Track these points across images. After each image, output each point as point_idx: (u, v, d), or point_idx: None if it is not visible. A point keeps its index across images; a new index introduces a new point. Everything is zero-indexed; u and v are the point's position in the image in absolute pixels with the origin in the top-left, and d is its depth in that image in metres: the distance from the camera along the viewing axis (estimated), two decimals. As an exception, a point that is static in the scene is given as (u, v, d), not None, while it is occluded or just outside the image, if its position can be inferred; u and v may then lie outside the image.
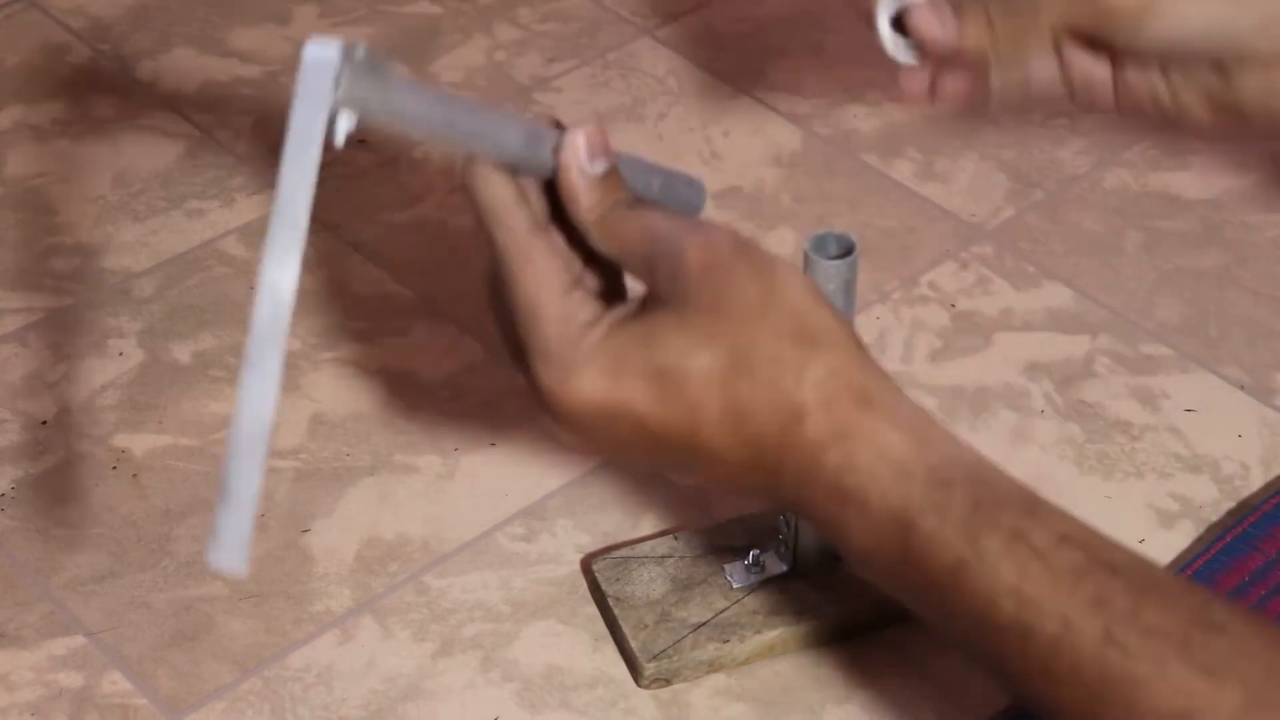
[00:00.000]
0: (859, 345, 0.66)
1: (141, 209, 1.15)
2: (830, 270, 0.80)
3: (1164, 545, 0.95)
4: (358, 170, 1.17)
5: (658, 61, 1.26)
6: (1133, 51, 0.76)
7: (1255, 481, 0.98)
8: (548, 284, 0.67)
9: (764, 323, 0.65)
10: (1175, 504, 0.97)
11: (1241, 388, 1.03)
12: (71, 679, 0.89)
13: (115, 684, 0.89)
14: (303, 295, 1.09)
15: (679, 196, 0.77)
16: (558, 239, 0.70)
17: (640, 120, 1.21)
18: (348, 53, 0.59)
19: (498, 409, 1.02)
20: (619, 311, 0.68)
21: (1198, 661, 0.59)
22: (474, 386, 1.04)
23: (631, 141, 1.19)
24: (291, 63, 1.25)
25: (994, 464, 0.64)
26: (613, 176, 0.69)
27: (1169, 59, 0.76)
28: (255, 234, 1.13)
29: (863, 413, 0.64)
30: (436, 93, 0.65)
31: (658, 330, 0.66)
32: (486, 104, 0.69)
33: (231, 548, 0.58)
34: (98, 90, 1.24)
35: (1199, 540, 0.95)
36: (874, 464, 0.63)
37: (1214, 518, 0.97)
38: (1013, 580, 0.61)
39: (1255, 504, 0.96)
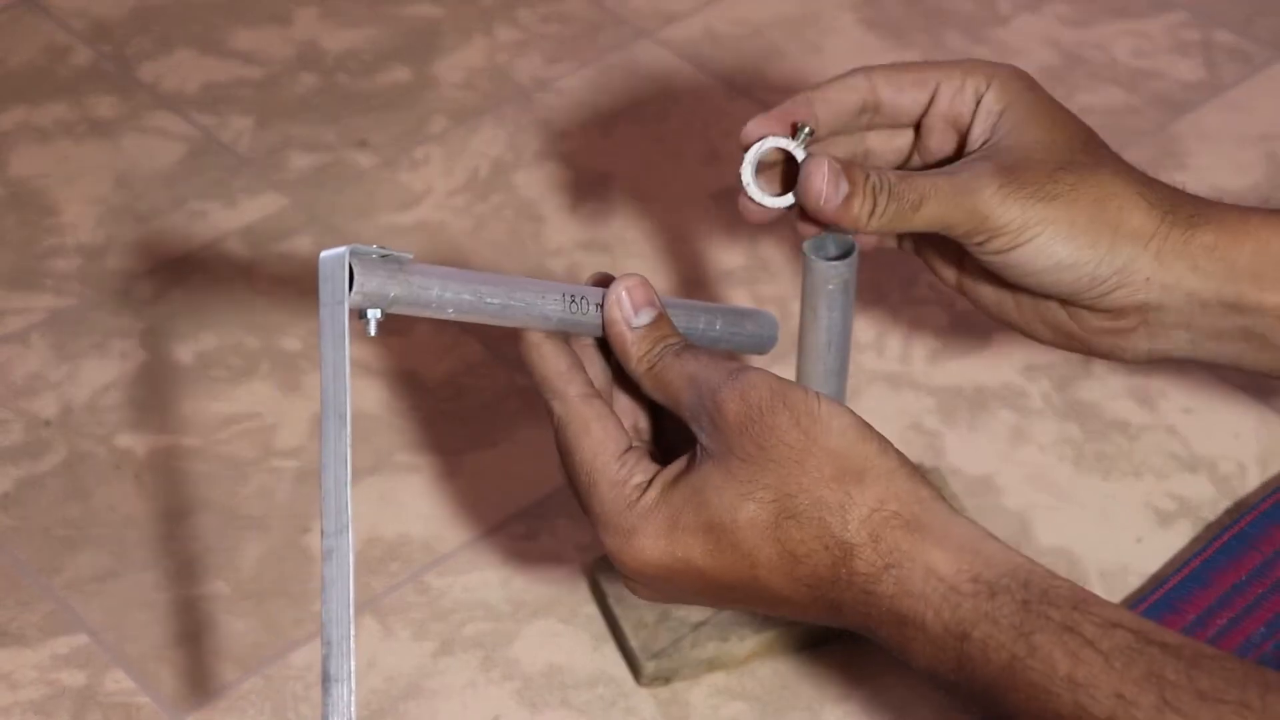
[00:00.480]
0: (906, 470, 0.68)
1: (143, 209, 1.15)
2: (830, 270, 0.80)
3: (1161, 544, 0.95)
4: (358, 170, 1.18)
5: (658, 62, 1.26)
6: (994, 269, 0.77)
7: (1252, 481, 0.98)
8: (602, 451, 0.71)
9: (805, 468, 0.67)
10: (1173, 503, 0.97)
11: (1239, 388, 1.03)
12: (74, 678, 0.90)
13: (118, 683, 0.90)
14: (304, 296, 1.09)
15: (745, 333, 0.80)
16: (621, 397, 0.74)
17: (640, 121, 1.21)
18: (359, 254, 0.64)
19: (498, 409, 1.03)
20: (671, 470, 0.70)
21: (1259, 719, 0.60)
22: (474, 386, 1.04)
23: (632, 142, 1.19)
24: (293, 64, 1.26)
25: (1044, 568, 0.66)
26: (660, 324, 0.72)
27: (1023, 285, 0.77)
28: (257, 234, 1.13)
29: (910, 539, 0.66)
30: (464, 277, 0.68)
31: (706, 486, 0.68)
32: (523, 278, 0.71)
33: None
34: (99, 91, 1.24)
35: (1196, 540, 0.95)
36: (925, 586, 0.66)
37: (1211, 517, 0.97)
38: (1066, 669, 0.63)
39: (1252, 503, 0.96)
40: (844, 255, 0.80)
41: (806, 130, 0.77)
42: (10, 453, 1.00)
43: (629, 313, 0.72)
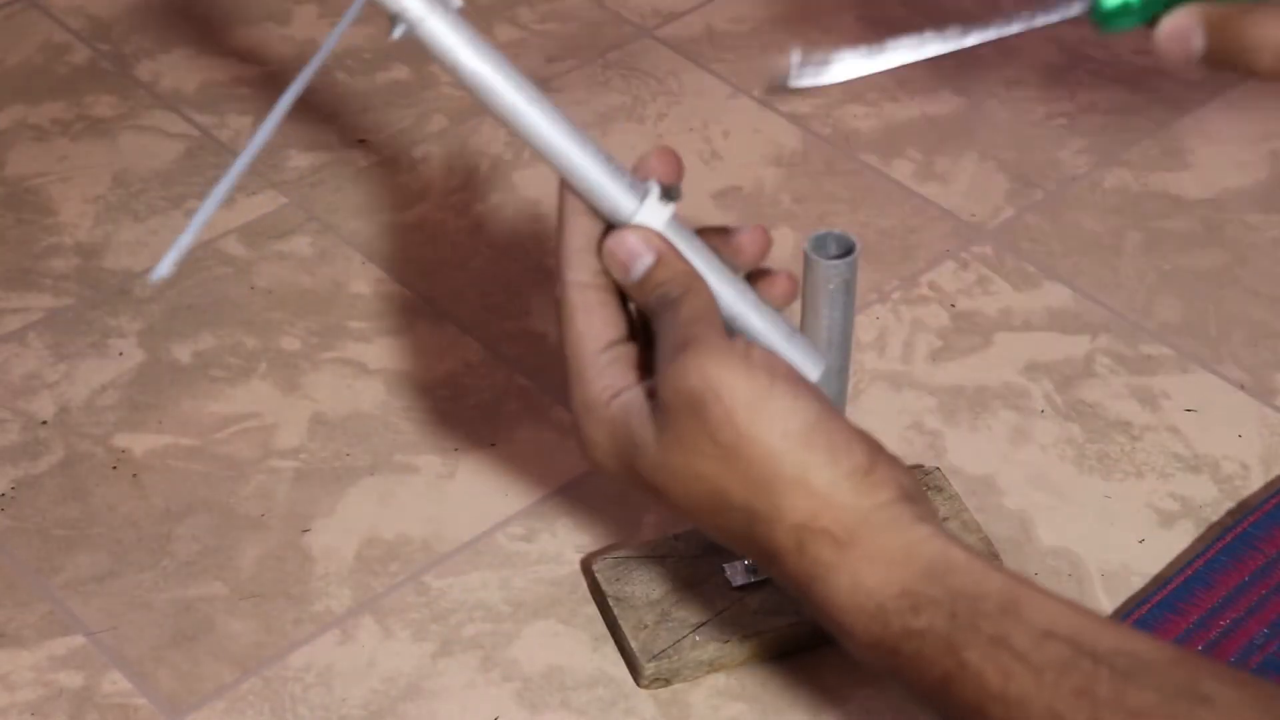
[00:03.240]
0: (854, 480, 0.66)
1: (141, 209, 1.15)
2: (831, 270, 0.80)
3: (1164, 545, 0.95)
4: (358, 170, 1.17)
5: (658, 61, 1.26)
6: None
7: (1255, 481, 0.98)
8: (582, 346, 0.71)
9: (736, 468, 0.66)
10: (1175, 504, 0.97)
11: (1241, 388, 1.03)
12: (71, 679, 0.89)
13: (115, 684, 0.89)
14: (303, 295, 1.09)
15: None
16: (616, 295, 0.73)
17: (640, 120, 1.21)
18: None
19: (498, 409, 1.02)
20: (636, 393, 0.70)
21: None
22: (474, 386, 1.04)
23: (631, 142, 1.19)
24: (292, 63, 1.25)
25: (985, 562, 0.65)
26: (662, 266, 0.70)
27: None
28: (255, 234, 1.13)
29: (838, 554, 0.66)
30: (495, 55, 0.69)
31: (646, 451, 0.68)
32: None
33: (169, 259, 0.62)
34: (97, 90, 1.24)
35: (1199, 540, 0.95)
36: (852, 600, 0.66)
37: (1214, 517, 0.97)
38: (998, 687, 0.62)
39: (1255, 504, 0.96)
40: (845, 254, 0.80)
41: None
42: (8, 453, 1.00)
43: (622, 271, 0.71)
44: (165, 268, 0.62)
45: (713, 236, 0.73)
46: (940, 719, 0.65)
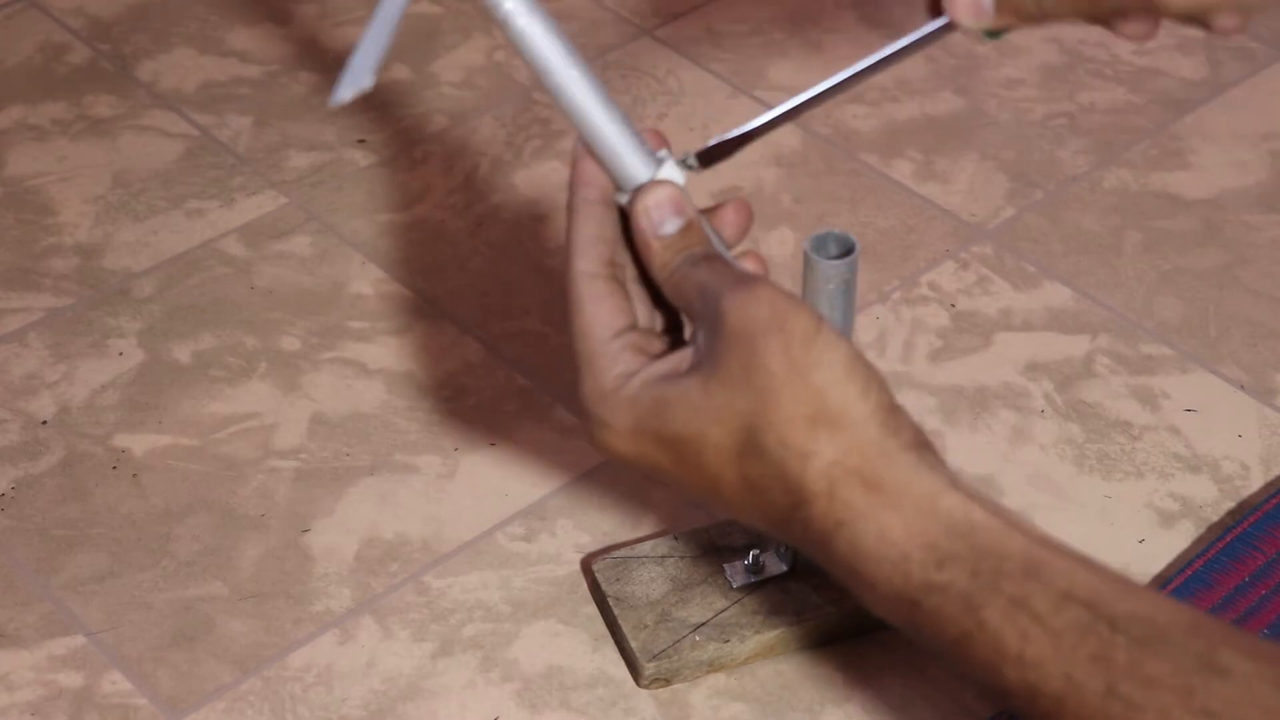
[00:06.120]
0: (880, 417, 0.67)
1: (141, 209, 1.15)
2: (830, 270, 0.80)
3: (1164, 545, 0.95)
4: (358, 170, 1.17)
5: (658, 61, 1.26)
6: None
7: (1255, 481, 0.98)
8: (591, 333, 0.71)
9: (781, 402, 0.66)
10: (1175, 504, 0.97)
11: (1241, 388, 1.03)
12: (71, 679, 0.89)
13: (115, 684, 0.89)
14: (303, 295, 1.09)
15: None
16: (638, 287, 0.73)
17: (640, 120, 1.21)
18: None
19: (498, 409, 1.02)
20: (657, 368, 0.70)
21: (1199, 708, 0.60)
22: (474, 386, 1.04)
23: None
24: (291, 63, 1.25)
25: (1006, 520, 0.65)
26: (688, 233, 0.71)
27: None
28: (255, 233, 1.13)
29: (866, 498, 0.65)
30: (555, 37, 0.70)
31: (681, 400, 0.68)
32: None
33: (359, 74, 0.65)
34: (97, 90, 1.24)
35: (1199, 540, 0.95)
36: (877, 549, 0.65)
37: (1214, 518, 0.97)
38: (1015, 648, 0.62)
39: (1255, 504, 0.96)
40: (845, 254, 0.80)
41: None
42: (8, 453, 1.00)
43: (655, 223, 0.71)
44: (347, 92, 0.67)
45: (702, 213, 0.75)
46: (958, 666, 0.65)
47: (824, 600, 0.90)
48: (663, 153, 0.72)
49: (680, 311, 0.72)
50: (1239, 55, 1.25)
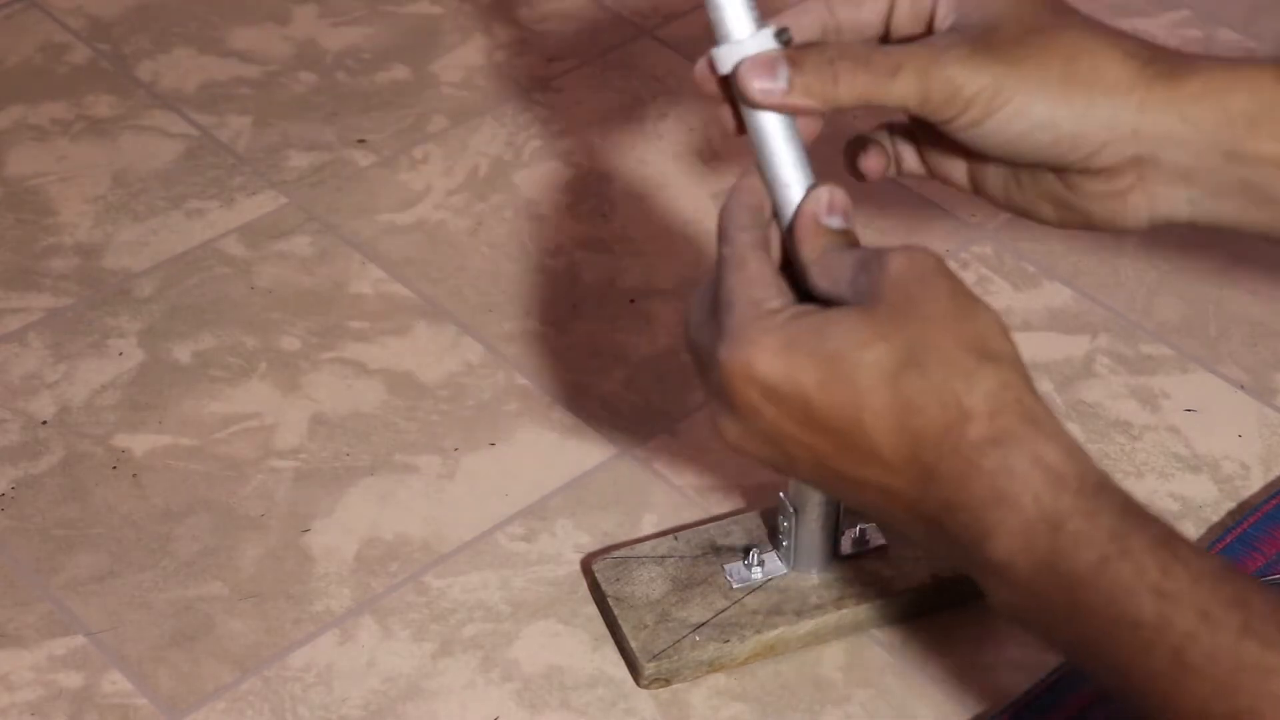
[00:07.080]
0: (1031, 378, 0.68)
1: (141, 209, 1.15)
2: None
3: (1164, 545, 0.95)
4: (357, 170, 1.17)
5: (658, 61, 1.26)
6: (978, 146, 0.76)
7: (1255, 482, 0.98)
8: (750, 283, 0.70)
9: (946, 330, 0.67)
10: (1175, 504, 0.97)
11: (1241, 388, 1.03)
12: (71, 679, 0.89)
13: (115, 684, 0.89)
14: (303, 295, 1.09)
15: None
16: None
17: (640, 120, 1.21)
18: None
19: (498, 409, 1.02)
20: (807, 305, 0.70)
21: None
22: (474, 386, 1.04)
23: (631, 141, 1.19)
24: (291, 63, 1.25)
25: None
26: (848, 234, 0.72)
27: (1013, 159, 0.77)
28: (255, 233, 1.13)
29: (1025, 426, 0.66)
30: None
31: (838, 321, 0.68)
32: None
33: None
34: (97, 90, 1.24)
35: (1199, 540, 0.95)
36: (1029, 470, 0.66)
37: (1214, 518, 0.97)
38: (1155, 577, 0.64)
39: (1255, 504, 0.96)
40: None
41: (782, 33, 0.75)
42: (7, 453, 1.00)
43: (823, 209, 0.72)
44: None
45: None
46: (1065, 626, 0.66)
47: (824, 600, 0.90)
48: (769, 23, 0.74)
49: (825, 295, 0.72)
50: (1239, 55, 1.25)
